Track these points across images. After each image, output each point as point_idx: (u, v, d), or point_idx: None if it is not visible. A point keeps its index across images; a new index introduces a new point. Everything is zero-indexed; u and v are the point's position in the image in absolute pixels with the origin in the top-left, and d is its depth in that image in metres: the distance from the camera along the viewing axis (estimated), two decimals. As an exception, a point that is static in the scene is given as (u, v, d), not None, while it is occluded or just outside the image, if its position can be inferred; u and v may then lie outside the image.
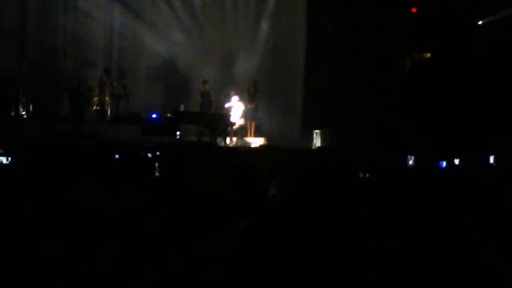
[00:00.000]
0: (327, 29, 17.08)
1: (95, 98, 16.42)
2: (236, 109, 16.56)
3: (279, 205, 3.21)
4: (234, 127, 16.31)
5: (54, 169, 5.21)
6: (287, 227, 2.71)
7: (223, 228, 2.88)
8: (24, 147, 8.92)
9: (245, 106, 16.72)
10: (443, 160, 9.57)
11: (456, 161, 9.86)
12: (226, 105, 16.68)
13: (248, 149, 14.17)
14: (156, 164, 5.84)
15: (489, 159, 10.98)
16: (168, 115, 15.97)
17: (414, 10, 16.95)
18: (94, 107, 16.51)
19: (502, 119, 15.33)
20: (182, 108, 16.42)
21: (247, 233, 2.69)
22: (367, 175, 6.03)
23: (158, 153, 8.79)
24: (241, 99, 16.74)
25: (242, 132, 16.90)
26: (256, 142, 16.33)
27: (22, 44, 17.19)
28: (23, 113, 15.64)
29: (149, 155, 8.45)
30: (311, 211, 2.93)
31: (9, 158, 7.26)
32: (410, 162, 10.43)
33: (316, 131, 16.57)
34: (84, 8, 17.75)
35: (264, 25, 18.68)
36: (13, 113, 15.50)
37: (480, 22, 16.81)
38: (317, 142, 16.39)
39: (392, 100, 16.41)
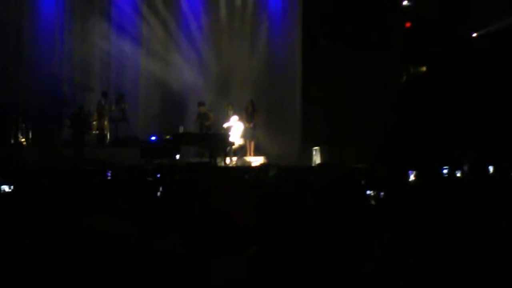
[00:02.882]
0: (322, 45, 17.11)
1: (94, 123, 16.46)
2: (235, 128, 16.53)
3: (288, 228, 3.17)
4: (234, 146, 16.26)
5: (57, 197, 5.17)
6: (297, 252, 2.67)
7: (233, 253, 2.85)
8: (26, 174, 8.87)
9: (244, 125, 16.70)
10: (443, 170, 9.54)
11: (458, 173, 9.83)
12: (225, 125, 16.66)
13: (248, 168, 14.10)
14: (160, 188, 5.80)
15: (488, 169, 10.94)
16: (167, 137, 15.91)
17: (408, 24, 17.02)
18: (94, 132, 16.52)
19: (500, 130, 15.33)
20: (181, 129, 16.41)
21: (258, 259, 2.65)
22: (372, 192, 6.00)
23: (159, 175, 8.75)
24: (240, 118, 16.72)
25: (241, 151, 16.85)
26: (256, 161, 16.28)
27: (19, 71, 17.18)
28: (23, 140, 15.59)
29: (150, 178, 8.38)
30: (320, 233, 2.90)
31: (12, 186, 7.20)
32: (411, 177, 10.40)
33: (315, 148, 16.59)
34: (80, 33, 17.82)
35: (260, 44, 18.71)
36: (12, 140, 15.45)
37: (474, 35, 16.88)
38: (316, 159, 16.39)
39: (390, 114, 16.40)
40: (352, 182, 7.96)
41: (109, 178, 8.48)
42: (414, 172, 10.44)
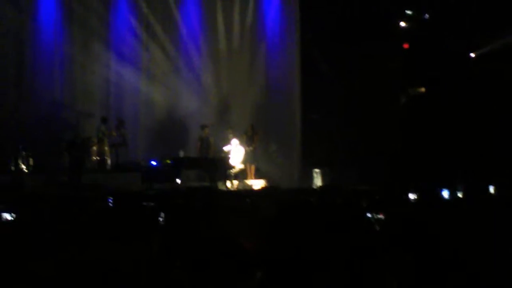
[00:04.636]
0: (321, 67, 17.13)
1: (94, 148, 16.41)
2: (236, 152, 16.52)
3: (292, 252, 3.13)
4: (234, 170, 16.23)
5: (58, 224, 5.13)
6: (304, 276, 2.63)
7: (239, 280, 2.79)
8: (27, 201, 8.81)
9: (244, 149, 16.68)
10: (445, 190, 9.51)
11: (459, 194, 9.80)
12: (225, 149, 16.65)
13: (250, 192, 14.05)
14: (162, 214, 5.76)
15: (488, 189, 10.90)
16: (168, 161, 15.86)
17: (406, 45, 17.06)
18: (94, 157, 16.47)
19: (500, 149, 15.30)
20: (181, 154, 16.40)
21: (263, 286, 2.61)
22: (379, 216, 6.00)
23: (160, 200, 8.69)
24: (240, 142, 16.71)
25: (242, 175, 16.82)
26: (257, 184, 16.24)
27: (21, 97, 17.20)
28: (23, 167, 15.55)
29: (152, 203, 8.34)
30: (327, 258, 2.86)
31: (13, 214, 7.15)
32: (412, 196, 10.36)
33: (316, 170, 16.55)
34: (81, 59, 17.82)
35: (259, 68, 18.76)
36: (13, 168, 15.41)
37: (473, 55, 16.92)
38: (317, 181, 16.36)
39: (390, 136, 16.38)
40: (355, 204, 7.90)
41: (110, 204, 8.40)
42: (415, 194, 10.42)
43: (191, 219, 5.12)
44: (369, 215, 6.28)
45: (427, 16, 17.02)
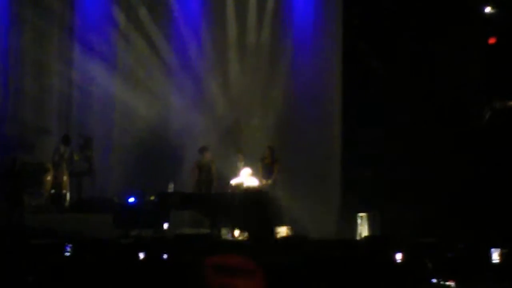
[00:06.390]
0: (372, 66, 17.14)
1: (48, 178, 16.39)
2: (247, 186, 16.30)
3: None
4: (246, 212, 16.04)
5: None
6: None
7: None
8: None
9: (260, 182, 16.58)
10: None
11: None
12: (233, 182, 16.60)
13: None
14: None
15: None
16: (152, 198, 15.98)
17: (492, 40, 16.92)
18: (47, 191, 16.44)
19: None
20: (171, 188, 16.38)
21: None
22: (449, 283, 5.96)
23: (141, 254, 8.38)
24: (254, 172, 16.59)
25: (256, 219, 16.63)
26: (276, 233, 16.01)
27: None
28: None
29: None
30: None
31: None
32: (495, 256, 10.32)
33: (361, 214, 16.51)
34: (31, 53, 18.04)
35: (282, 74, 18.84)
36: None
37: None
38: (363, 230, 16.34)
39: (467, 167, 16.16)
40: (416, 263, 7.88)
41: (67, 254, 9.01)
42: (499, 250, 10.22)
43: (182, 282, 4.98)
44: (435, 280, 6.30)
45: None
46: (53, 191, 16.46)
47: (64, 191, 16.51)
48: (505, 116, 17.01)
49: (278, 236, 15.50)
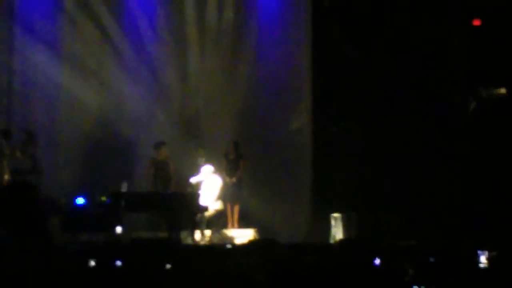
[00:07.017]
0: (345, 52, 17.26)
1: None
2: (209, 185, 16.48)
3: None
4: (207, 213, 16.15)
5: None
6: None
7: None
8: None
9: (223, 180, 16.68)
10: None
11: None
12: (193, 180, 16.60)
13: (232, 248, 14.03)
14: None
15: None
16: (103, 199, 15.88)
17: (476, 22, 17.08)
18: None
19: None
20: (124, 187, 16.20)
21: None
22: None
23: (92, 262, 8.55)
24: (216, 169, 16.65)
25: (219, 221, 16.74)
26: (241, 236, 16.26)
27: None
28: None
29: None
30: None
31: None
32: (482, 260, 10.46)
33: (335, 215, 16.60)
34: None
35: (248, 57, 18.89)
36: None
37: None
38: (337, 232, 16.44)
39: (450, 163, 16.36)
40: (395, 269, 8.00)
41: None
42: (487, 254, 10.42)
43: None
44: (416, 287, 6.44)
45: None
46: (-9, 192, 16.52)
47: (4, 192, 16.56)
48: (492, 105, 17.18)
49: (242, 239, 15.67)
